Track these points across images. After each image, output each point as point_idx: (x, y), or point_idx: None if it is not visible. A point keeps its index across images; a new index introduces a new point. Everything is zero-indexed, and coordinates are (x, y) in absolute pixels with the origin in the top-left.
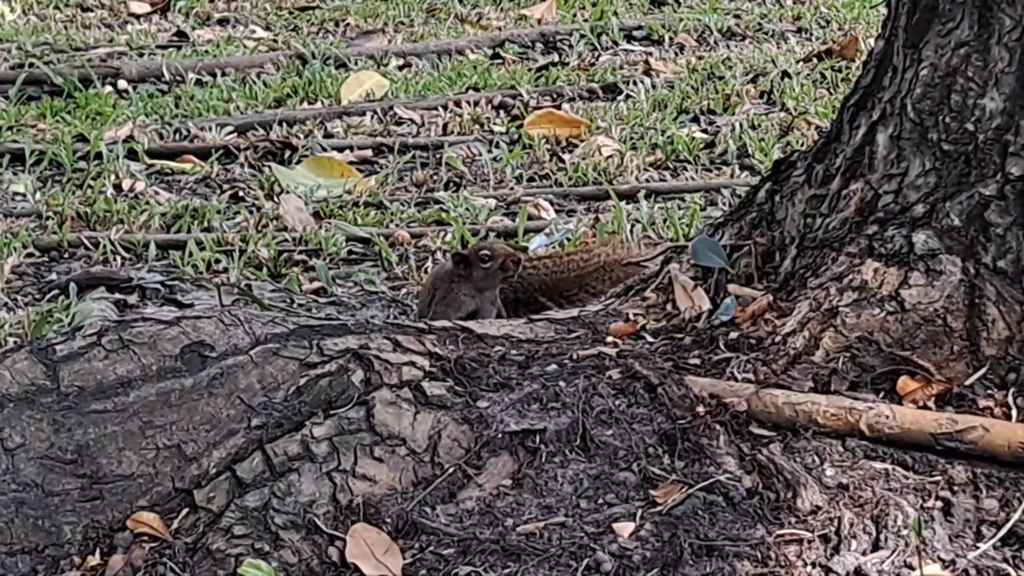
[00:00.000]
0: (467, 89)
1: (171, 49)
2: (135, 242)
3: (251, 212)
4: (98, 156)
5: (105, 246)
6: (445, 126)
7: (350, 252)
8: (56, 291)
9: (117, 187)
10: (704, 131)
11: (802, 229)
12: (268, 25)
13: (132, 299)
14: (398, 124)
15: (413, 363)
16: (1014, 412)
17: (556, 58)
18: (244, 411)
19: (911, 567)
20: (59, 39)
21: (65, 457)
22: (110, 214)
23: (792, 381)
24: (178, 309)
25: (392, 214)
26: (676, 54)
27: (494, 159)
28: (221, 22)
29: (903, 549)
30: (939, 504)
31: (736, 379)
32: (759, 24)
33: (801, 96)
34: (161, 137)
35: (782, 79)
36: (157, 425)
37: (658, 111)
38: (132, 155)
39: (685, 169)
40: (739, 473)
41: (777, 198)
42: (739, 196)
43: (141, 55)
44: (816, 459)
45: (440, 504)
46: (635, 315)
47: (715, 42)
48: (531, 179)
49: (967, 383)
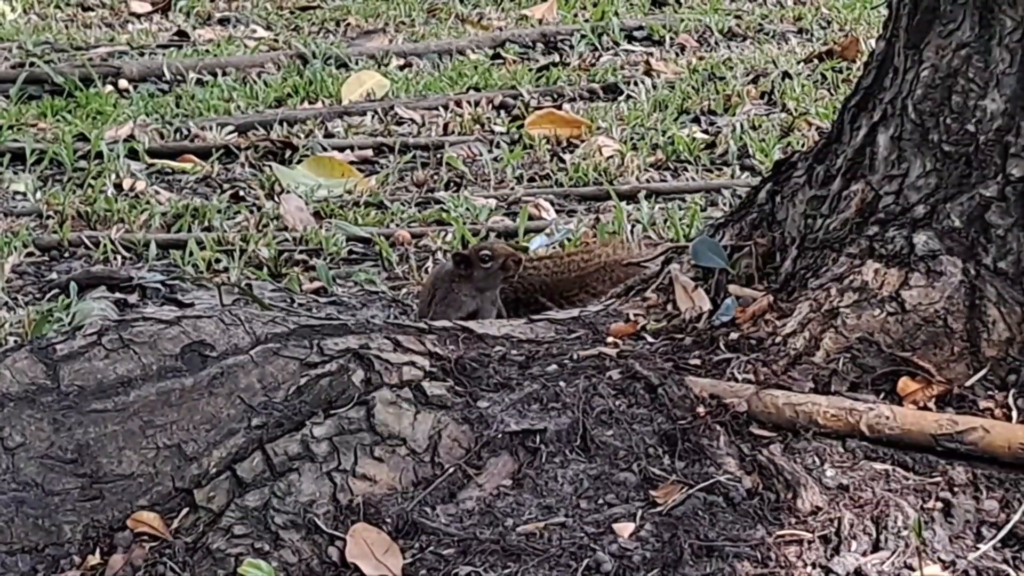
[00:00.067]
0: (468, 89)
1: (172, 48)
2: (135, 241)
3: (252, 212)
4: (99, 155)
5: (106, 245)
6: (446, 126)
7: (350, 252)
8: (56, 290)
9: (118, 186)
10: (705, 132)
11: (803, 230)
12: (269, 25)
13: (132, 298)
14: (399, 124)
15: (413, 363)
16: (1014, 413)
17: (557, 58)
18: (244, 411)
19: (911, 568)
20: (60, 38)
21: (65, 456)
22: (111, 213)
23: (792, 382)
24: (178, 309)
25: (393, 214)
26: (677, 54)
27: (495, 159)
28: (222, 21)
29: (903, 550)
30: (939, 505)
31: (736, 380)
32: (760, 25)
33: (802, 97)
34: (162, 136)
35: (783, 80)
36: (157, 424)
37: (659, 111)
38: (133, 154)
39: (686, 169)
40: (739, 474)
41: (778, 199)
42: (740, 197)
43: (142, 54)
44: (816, 460)
45: (440, 504)
46: (635, 315)
47: (716, 43)
48: (532, 179)
49: (967, 384)
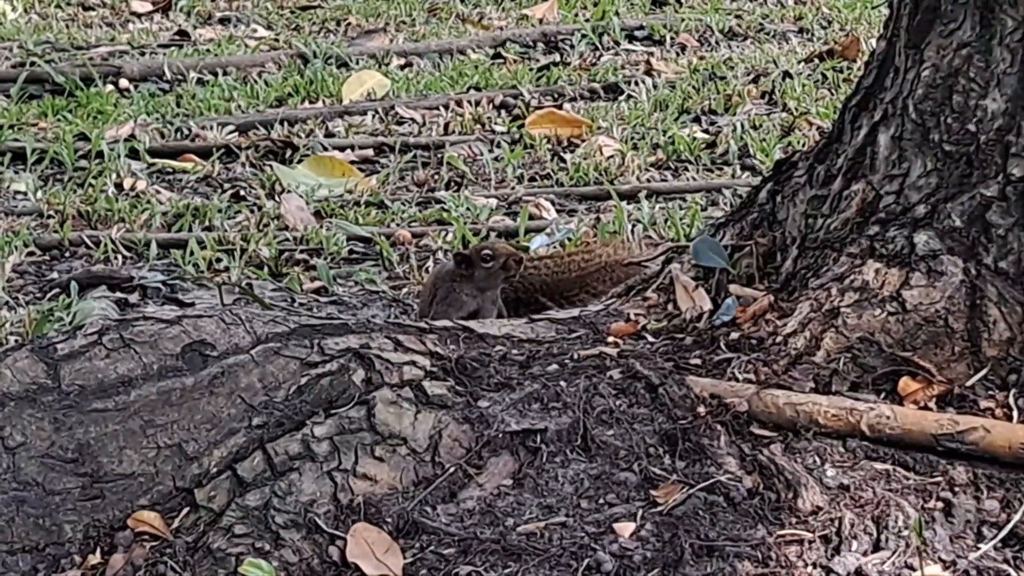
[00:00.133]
0: (468, 89)
1: (172, 48)
2: (136, 241)
3: (252, 211)
4: (99, 155)
5: (106, 245)
6: (446, 126)
7: (351, 251)
8: (57, 290)
9: (118, 186)
10: (705, 131)
11: (803, 229)
12: (269, 24)
13: (133, 298)
14: (399, 123)
15: (414, 363)
16: (1015, 413)
17: (557, 58)
18: (245, 410)
19: (912, 568)
20: (61, 38)
21: (66, 456)
22: (111, 213)
23: (793, 381)
24: (179, 308)
25: (393, 213)
26: (678, 54)
27: (495, 159)
28: (222, 21)
29: (904, 550)
30: (940, 505)
31: (737, 379)
32: (761, 24)
33: (803, 96)
34: (162, 136)
35: (784, 79)
36: (158, 424)
37: (659, 111)
38: (133, 154)
39: (686, 169)
40: (740, 473)
41: (778, 198)
42: (740, 196)
43: (143, 54)
44: (817, 460)
45: (441, 504)
46: (636, 315)
47: (717, 42)
48: (532, 179)
49: (968, 384)
